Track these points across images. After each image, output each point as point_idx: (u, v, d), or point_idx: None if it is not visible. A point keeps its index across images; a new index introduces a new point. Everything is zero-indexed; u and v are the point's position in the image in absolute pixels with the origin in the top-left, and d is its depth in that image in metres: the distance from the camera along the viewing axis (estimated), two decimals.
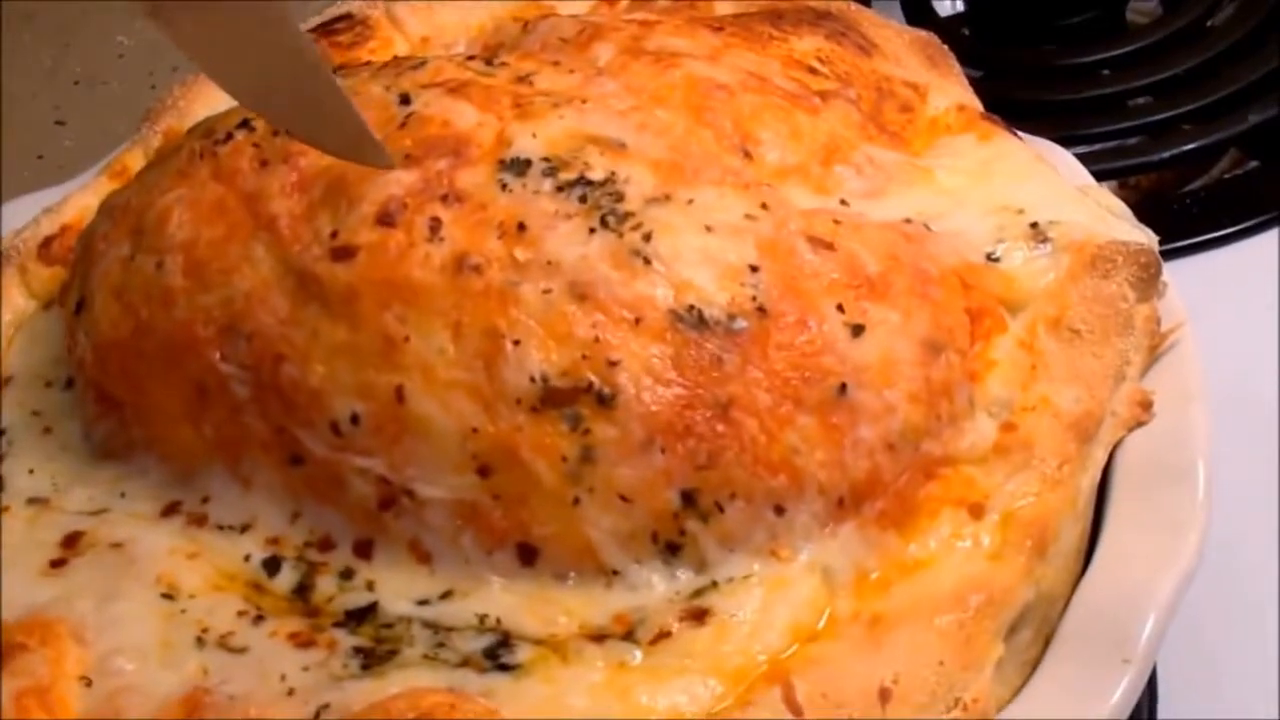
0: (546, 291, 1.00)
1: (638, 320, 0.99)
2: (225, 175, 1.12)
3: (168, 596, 1.01)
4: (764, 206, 1.07)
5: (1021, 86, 1.73)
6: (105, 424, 1.12)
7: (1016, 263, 1.10)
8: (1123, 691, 0.93)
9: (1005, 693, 0.95)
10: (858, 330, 1.01)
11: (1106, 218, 1.15)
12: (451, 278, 1.02)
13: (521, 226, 1.03)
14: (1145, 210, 1.19)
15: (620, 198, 1.04)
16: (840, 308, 1.02)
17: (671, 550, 0.98)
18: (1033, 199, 1.14)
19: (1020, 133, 1.24)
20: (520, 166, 1.06)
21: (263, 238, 1.08)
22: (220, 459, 1.07)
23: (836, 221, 1.08)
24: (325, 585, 1.02)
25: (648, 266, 1.01)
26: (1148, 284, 1.10)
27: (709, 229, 1.04)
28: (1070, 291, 1.08)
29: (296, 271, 1.06)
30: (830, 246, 1.05)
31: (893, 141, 1.20)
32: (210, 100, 1.36)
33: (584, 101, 1.12)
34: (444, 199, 1.04)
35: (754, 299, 1.01)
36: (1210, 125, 1.66)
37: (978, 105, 1.27)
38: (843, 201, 1.13)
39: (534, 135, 1.08)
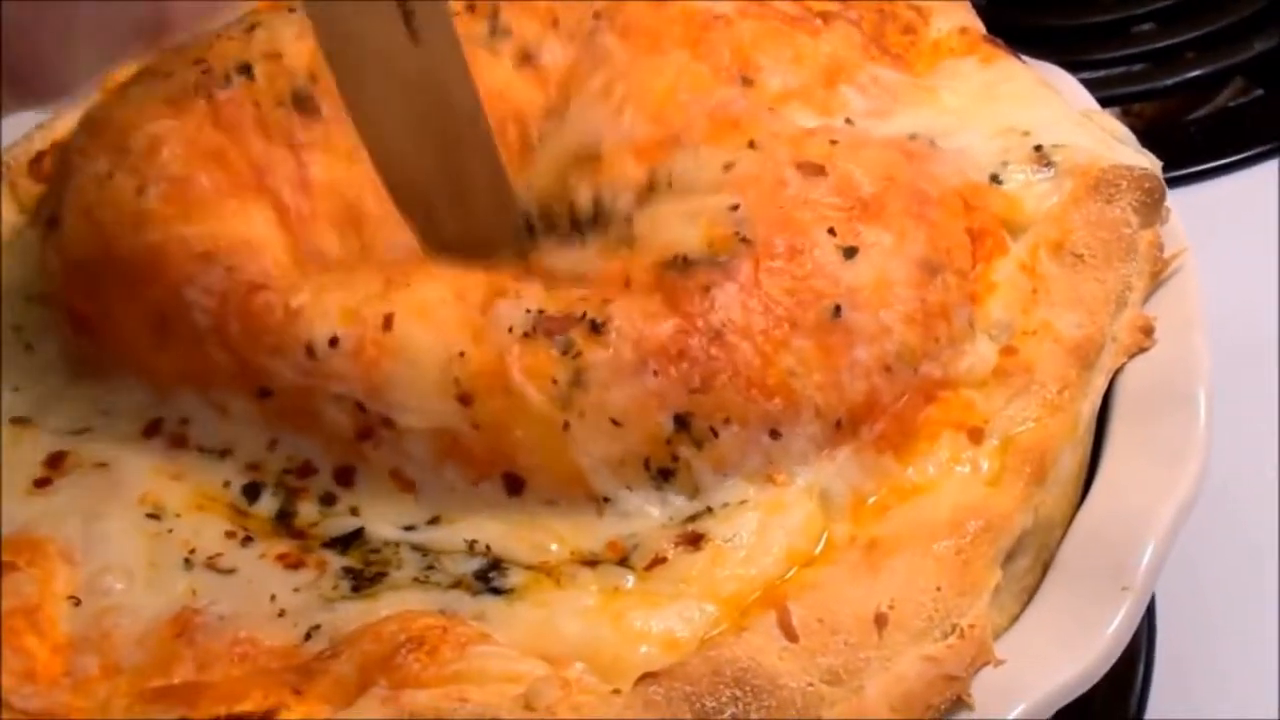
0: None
1: (627, 282, 1.00)
2: (226, 126, 1.10)
3: (153, 516, 1.00)
4: (751, 145, 1.06)
5: (1024, 12, 1.71)
6: (80, 343, 1.11)
7: (1019, 185, 1.09)
8: (1121, 619, 0.92)
9: (1002, 620, 0.94)
10: (850, 252, 1.00)
11: (1110, 142, 1.14)
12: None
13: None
14: (1148, 138, 1.18)
15: (610, 218, 1.06)
16: (831, 231, 1.01)
17: (664, 476, 0.97)
18: (1037, 121, 1.13)
19: (1023, 57, 1.22)
20: (530, 229, 1.09)
21: (267, 212, 1.08)
22: (190, 386, 1.06)
23: (833, 141, 1.07)
24: (307, 511, 1.01)
25: (630, 249, 1.03)
26: (1151, 209, 1.08)
27: (689, 193, 1.04)
28: (1073, 215, 1.07)
29: (302, 248, 1.07)
30: (822, 171, 1.04)
31: (895, 63, 1.19)
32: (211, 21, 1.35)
33: (568, 101, 1.13)
34: None
35: (736, 233, 1.00)
36: (1215, 53, 1.65)
37: (980, 28, 1.25)
38: (848, 121, 1.12)
39: (530, 187, 1.11)
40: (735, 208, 1.01)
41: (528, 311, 0.98)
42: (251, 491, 1.02)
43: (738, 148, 1.06)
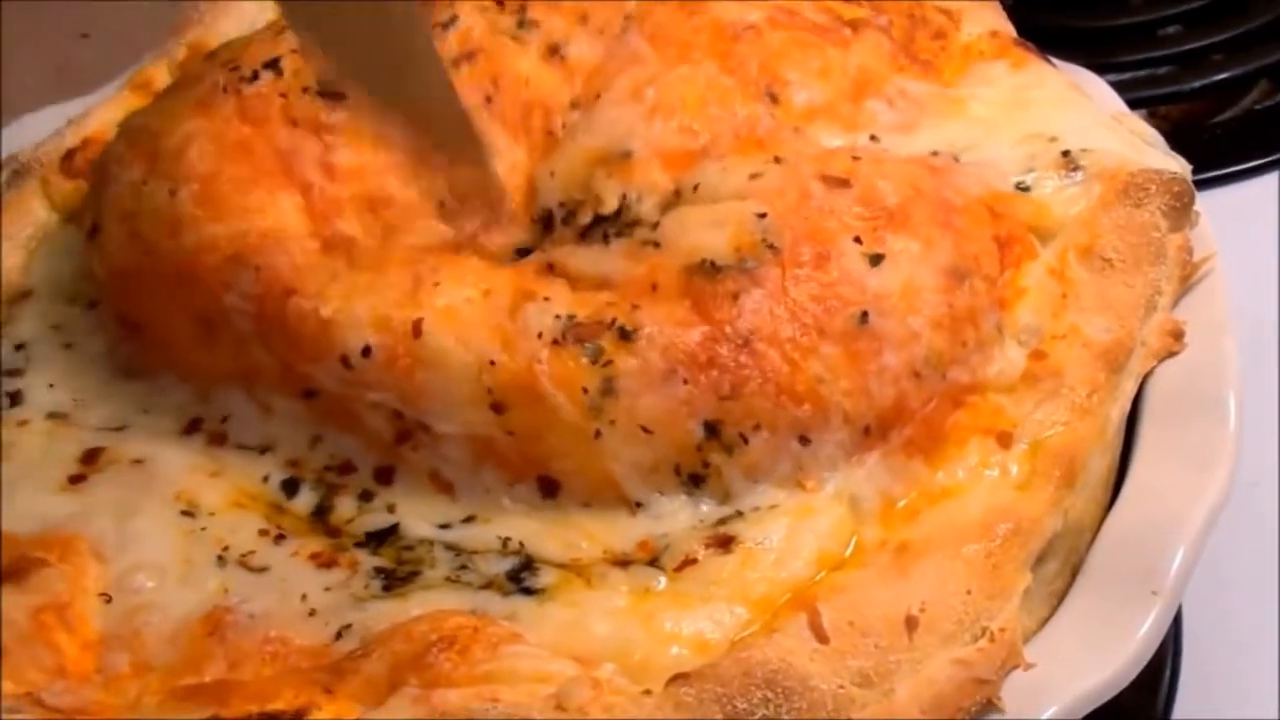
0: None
1: (654, 286, 1.00)
2: (252, 119, 1.11)
3: (187, 514, 1.01)
4: (776, 160, 1.07)
5: (1051, 13, 1.70)
6: (127, 345, 1.12)
7: (1048, 191, 1.09)
8: (1151, 624, 0.92)
9: (1032, 624, 0.94)
10: (877, 260, 1.00)
11: (1139, 145, 1.14)
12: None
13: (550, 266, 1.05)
14: (1175, 141, 1.18)
15: (635, 220, 1.07)
16: (858, 239, 1.01)
17: (695, 482, 0.98)
18: (1065, 127, 1.13)
19: (1054, 59, 1.22)
20: (547, 220, 1.10)
21: (294, 196, 1.08)
22: (236, 385, 1.07)
23: (855, 158, 1.07)
24: (344, 507, 1.02)
25: (657, 249, 1.02)
26: (1180, 213, 1.08)
27: (715, 201, 1.05)
28: (1102, 219, 1.07)
29: (326, 235, 1.07)
30: (846, 183, 1.04)
31: (924, 71, 1.19)
32: (236, 15, 1.36)
33: (597, 96, 1.13)
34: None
35: (763, 240, 1.00)
36: (1241, 55, 1.65)
37: (1011, 31, 1.25)
38: (873, 137, 1.12)
39: (553, 175, 1.11)
40: (762, 215, 1.02)
41: (557, 317, 0.98)
42: (290, 486, 1.03)
43: (764, 162, 1.07)
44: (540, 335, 0.98)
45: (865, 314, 0.99)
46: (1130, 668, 0.91)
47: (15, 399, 1.10)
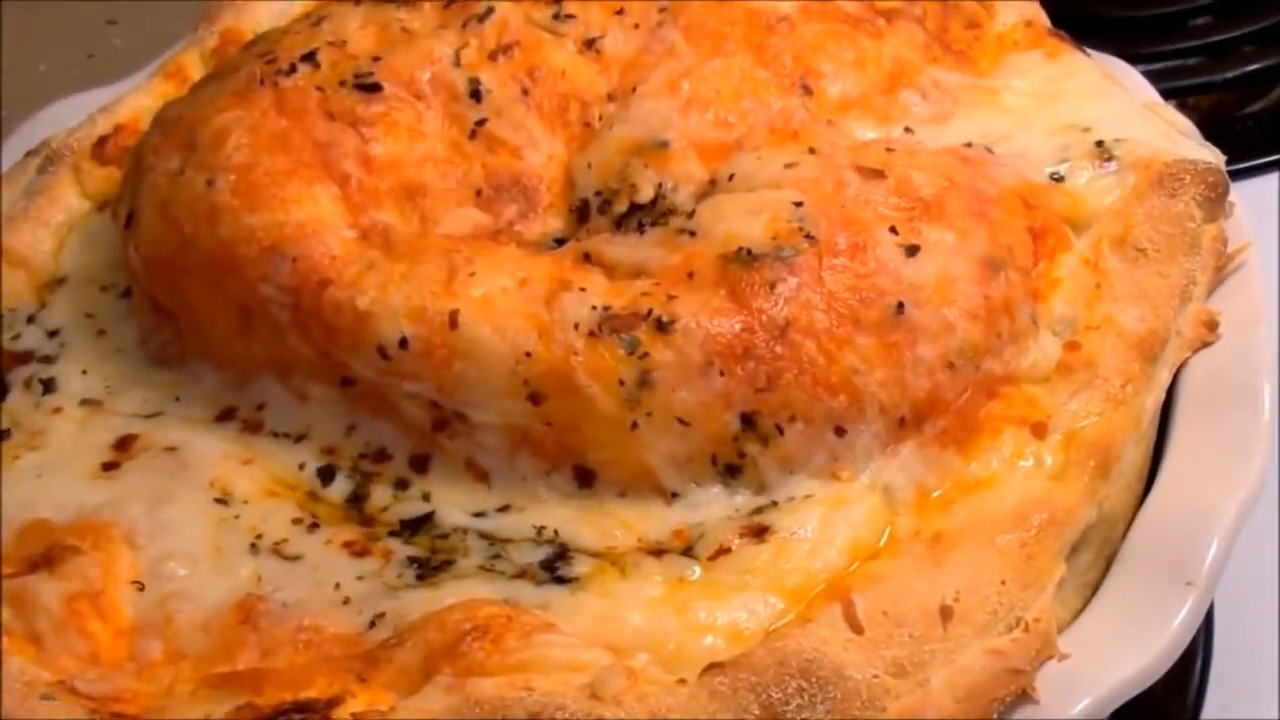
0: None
1: (691, 275, 1.00)
2: (290, 111, 1.11)
3: (221, 501, 1.01)
4: (811, 150, 1.07)
5: (1082, 3, 1.69)
6: (161, 333, 1.12)
7: (1082, 181, 1.09)
8: (1185, 615, 0.92)
9: (1065, 614, 0.94)
10: (912, 250, 1.00)
11: (1174, 136, 1.13)
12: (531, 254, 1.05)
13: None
14: (1205, 131, 1.18)
15: (670, 209, 1.07)
16: (893, 229, 1.01)
17: (731, 473, 0.98)
18: (1099, 117, 1.13)
19: (1088, 49, 1.22)
20: (583, 210, 1.10)
21: (331, 189, 1.09)
22: (273, 373, 1.07)
23: (890, 150, 1.07)
24: (380, 495, 1.02)
25: (693, 238, 1.02)
26: (1215, 203, 1.08)
27: (750, 190, 1.05)
28: (1136, 210, 1.07)
29: (364, 226, 1.07)
30: (881, 174, 1.04)
31: (958, 61, 1.19)
32: (268, 4, 1.36)
33: (633, 89, 1.13)
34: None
35: (800, 229, 1.00)
36: (1271, 47, 1.65)
37: (1045, 21, 1.25)
38: (907, 129, 1.12)
39: (589, 166, 1.12)
40: (799, 204, 1.02)
41: (593, 309, 0.98)
42: (326, 474, 1.03)
43: (799, 153, 1.07)
44: (577, 326, 0.98)
45: (901, 305, 0.98)
46: (1165, 659, 0.91)
47: (49, 386, 1.10)
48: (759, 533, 0.95)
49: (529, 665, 0.88)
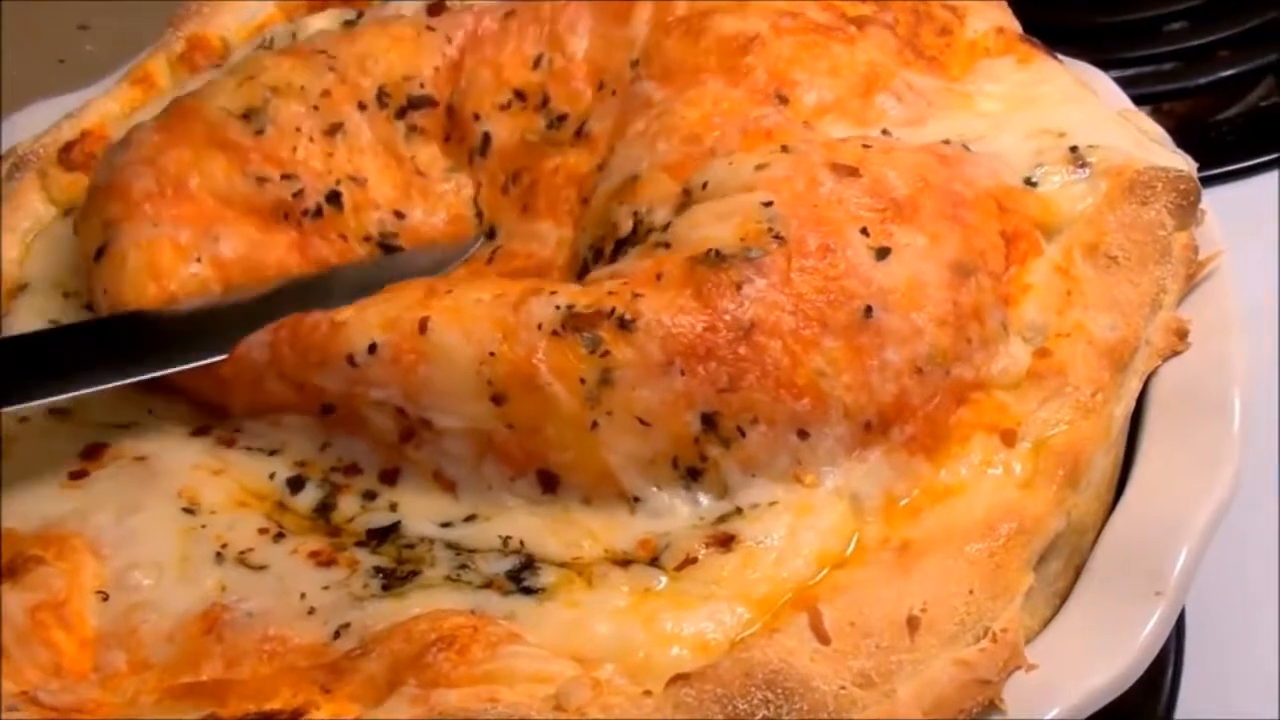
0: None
1: (659, 276, 0.99)
2: (311, 257, 1.16)
3: (188, 511, 1.01)
4: (784, 149, 1.07)
5: (1056, 9, 1.69)
6: None
7: (1055, 187, 1.09)
8: (1154, 625, 0.92)
9: (1034, 624, 0.94)
10: (883, 253, 1.00)
11: (1146, 143, 1.13)
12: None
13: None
14: (1179, 137, 1.18)
15: (650, 228, 1.07)
16: (865, 231, 1.01)
17: (693, 475, 0.97)
18: (1073, 123, 1.13)
19: (1060, 56, 1.22)
20: (583, 271, 1.11)
21: None
22: (251, 416, 1.08)
23: (866, 146, 1.07)
24: (347, 505, 1.02)
25: (668, 249, 1.03)
26: (1186, 211, 1.08)
27: (723, 195, 1.04)
28: (1108, 217, 1.06)
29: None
30: (855, 172, 1.04)
31: (930, 67, 1.18)
32: (235, 9, 1.35)
33: (612, 149, 1.15)
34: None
35: (769, 229, 1.00)
36: (1247, 52, 1.64)
37: (1017, 27, 1.25)
38: (884, 131, 1.12)
39: (584, 230, 1.13)
40: (769, 204, 1.01)
41: (557, 308, 0.98)
42: (296, 484, 1.03)
43: (771, 152, 1.06)
44: (540, 326, 0.98)
45: (869, 308, 0.98)
46: (1134, 669, 0.91)
47: None
48: (725, 542, 0.94)
49: (495, 676, 0.87)
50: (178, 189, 1.14)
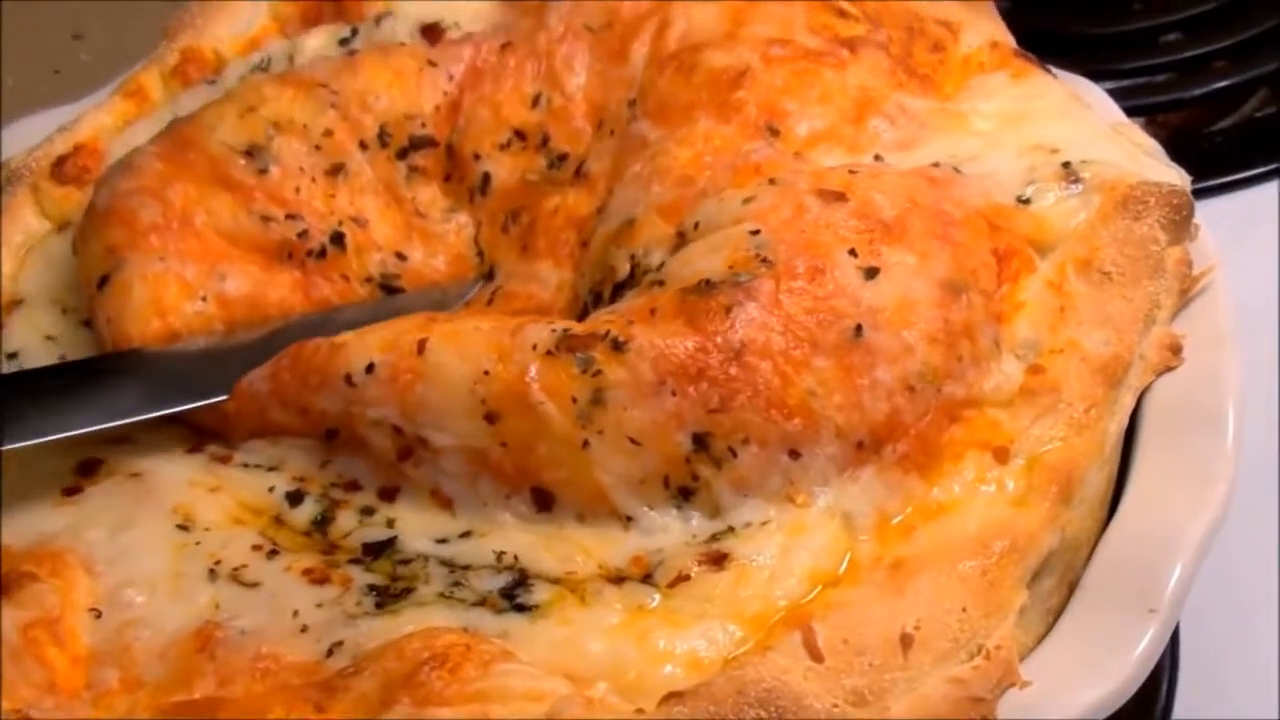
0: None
1: (653, 311, 1.00)
2: (314, 300, 1.17)
3: (182, 528, 1.01)
4: (771, 181, 1.07)
5: (1050, 20, 1.69)
6: None
7: (1047, 203, 1.08)
8: (1148, 641, 0.92)
9: (1028, 641, 0.94)
10: (871, 272, 1.00)
11: (1139, 157, 1.13)
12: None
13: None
14: (1174, 148, 1.17)
15: (646, 269, 1.08)
16: (853, 252, 1.01)
17: (684, 495, 0.97)
18: (1066, 138, 1.13)
19: (1053, 69, 1.21)
20: (583, 315, 1.10)
21: None
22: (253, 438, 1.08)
23: (852, 172, 1.07)
24: (345, 520, 1.02)
25: (662, 287, 1.03)
26: (1180, 226, 1.08)
27: (713, 231, 1.05)
28: (1101, 232, 1.06)
29: None
30: (842, 196, 1.04)
31: (924, 86, 1.18)
32: (230, 16, 1.35)
33: (610, 191, 1.15)
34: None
35: (757, 254, 1.00)
36: (1242, 63, 1.64)
37: (1011, 41, 1.24)
38: (876, 157, 1.12)
39: (583, 275, 1.14)
40: (756, 232, 1.02)
41: (553, 331, 0.99)
42: (295, 497, 1.04)
43: (758, 185, 1.07)
44: (535, 346, 0.98)
45: (859, 327, 0.98)
46: (1128, 686, 0.91)
47: None
48: (718, 560, 0.94)
49: (487, 695, 0.87)
50: (184, 224, 1.14)
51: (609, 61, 1.20)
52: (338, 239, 1.16)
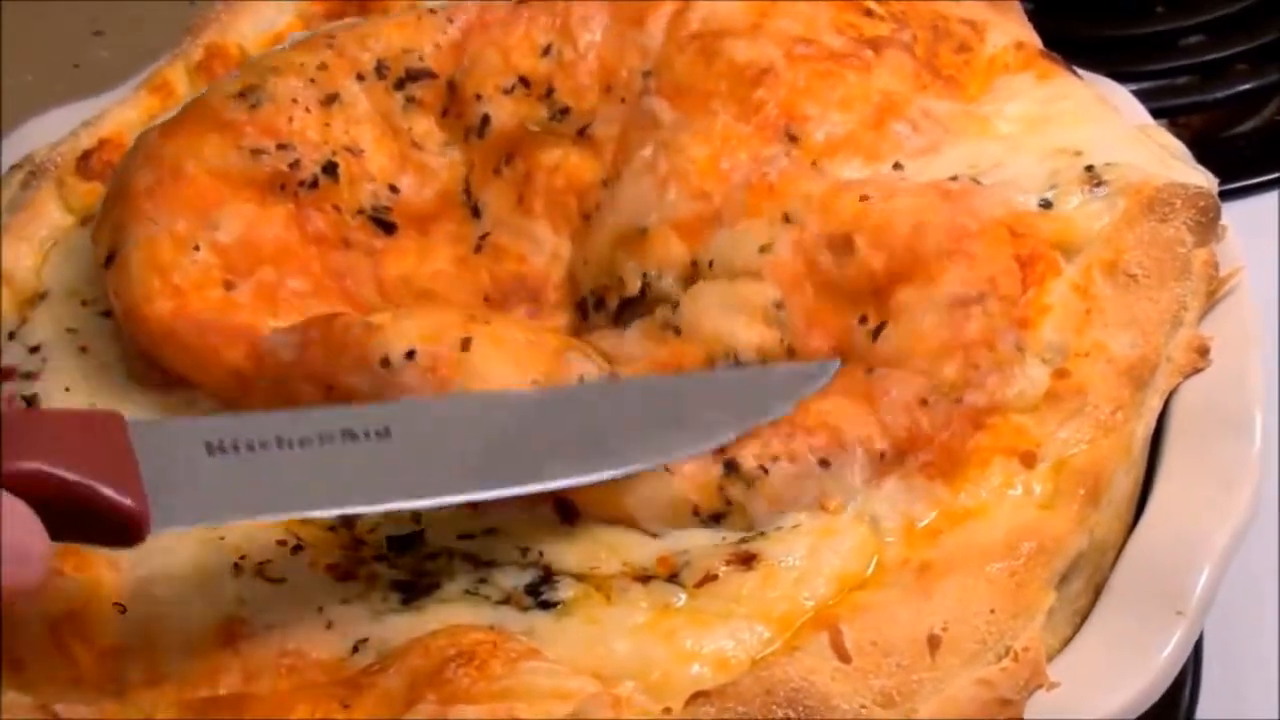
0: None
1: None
2: (310, 235, 1.15)
3: None
4: (785, 219, 1.07)
5: (1073, 22, 1.68)
6: (148, 366, 1.12)
7: (1072, 206, 1.08)
8: (1175, 645, 0.92)
9: (1055, 643, 0.94)
10: (879, 330, 1.02)
11: (1165, 159, 1.13)
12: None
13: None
14: (1196, 151, 1.17)
15: (658, 297, 1.08)
16: (864, 319, 1.03)
17: (715, 519, 0.98)
18: (1090, 140, 1.12)
19: (1080, 70, 1.21)
20: (583, 308, 1.12)
21: (347, 307, 1.12)
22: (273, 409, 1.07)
23: (864, 198, 1.07)
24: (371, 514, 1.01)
25: (678, 335, 1.05)
26: (1206, 227, 1.07)
27: (731, 278, 1.06)
28: (1126, 235, 1.06)
29: None
30: (850, 243, 1.04)
31: (948, 87, 1.18)
32: (254, 14, 1.35)
33: (618, 178, 1.14)
34: None
35: (781, 340, 1.04)
36: (1264, 66, 1.63)
37: (1037, 42, 1.24)
38: (897, 165, 1.11)
39: (586, 262, 1.13)
40: (780, 306, 1.04)
41: (600, 368, 1.01)
42: None
43: (773, 222, 1.07)
44: (581, 379, 1.01)
45: (870, 369, 1.01)
46: (1154, 688, 0.91)
47: (31, 402, 1.09)
48: (746, 560, 0.94)
49: (513, 693, 0.87)
50: (175, 176, 1.13)
51: (626, 25, 1.19)
52: (331, 169, 1.15)
